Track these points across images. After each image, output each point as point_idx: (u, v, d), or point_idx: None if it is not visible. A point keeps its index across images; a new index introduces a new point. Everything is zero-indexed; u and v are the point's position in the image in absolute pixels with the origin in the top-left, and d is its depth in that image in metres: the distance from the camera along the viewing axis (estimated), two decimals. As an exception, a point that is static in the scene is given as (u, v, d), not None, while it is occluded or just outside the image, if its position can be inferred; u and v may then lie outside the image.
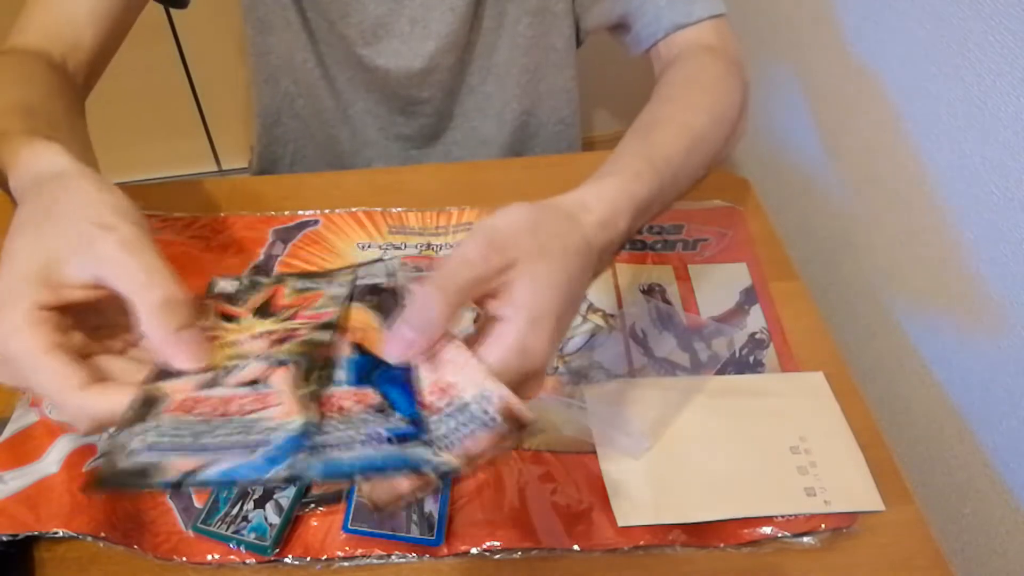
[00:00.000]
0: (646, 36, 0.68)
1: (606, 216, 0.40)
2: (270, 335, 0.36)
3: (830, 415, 0.58)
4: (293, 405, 0.32)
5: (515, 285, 0.35)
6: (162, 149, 1.70)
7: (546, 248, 0.35)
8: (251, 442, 0.30)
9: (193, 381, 0.33)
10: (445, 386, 0.33)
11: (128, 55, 0.65)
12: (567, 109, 0.89)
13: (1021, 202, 0.59)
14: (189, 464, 0.29)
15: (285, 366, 0.34)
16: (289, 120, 0.87)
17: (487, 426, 0.31)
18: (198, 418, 0.31)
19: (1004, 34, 0.59)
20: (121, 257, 0.33)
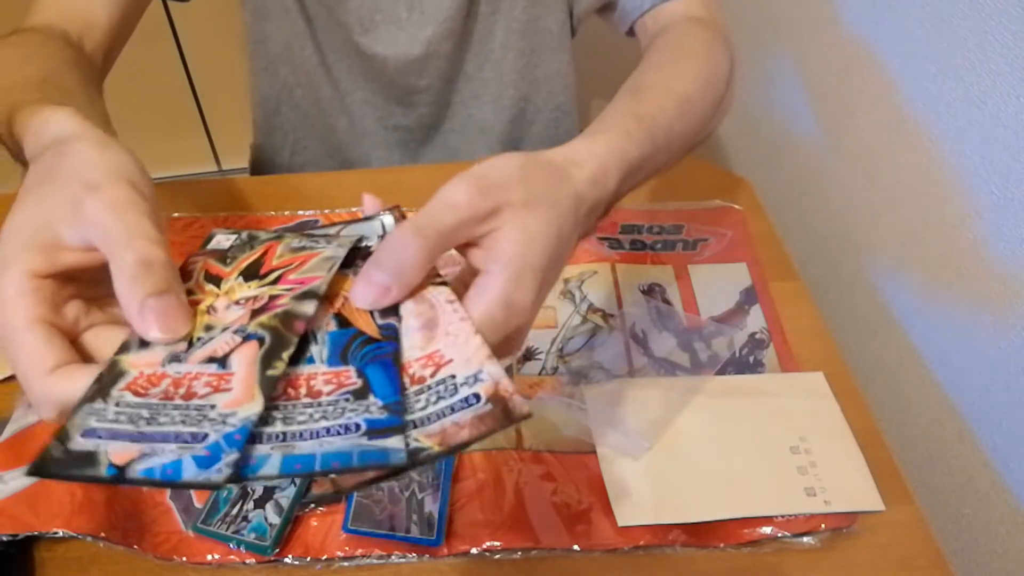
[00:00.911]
0: (632, 9, 0.68)
1: (597, 173, 0.38)
2: (251, 302, 0.33)
3: (830, 415, 0.58)
4: (249, 391, 0.29)
5: (500, 235, 0.33)
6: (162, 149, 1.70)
7: (535, 199, 0.34)
8: (195, 433, 0.27)
9: (163, 353, 0.30)
10: (439, 360, 0.30)
11: (128, 54, 0.65)
12: (563, 95, 0.89)
13: (1021, 202, 0.59)
14: (130, 453, 0.26)
15: (255, 342, 0.31)
16: (288, 110, 0.87)
17: (471, 407, 0.28)
18: (153, 399, 0.28)
19: (1004, 34, 0.59)
20: (103, 217, 0.30)
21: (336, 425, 0.27)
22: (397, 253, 0.32)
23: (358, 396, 0.29)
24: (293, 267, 0.35)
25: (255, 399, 0.28)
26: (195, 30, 1.52)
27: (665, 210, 0.75)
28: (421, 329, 0.32)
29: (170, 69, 1.57)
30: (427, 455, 0.27)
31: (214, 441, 0.27)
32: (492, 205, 0.33)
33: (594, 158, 0.39)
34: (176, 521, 0.52)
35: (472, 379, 0.29)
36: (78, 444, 0.27)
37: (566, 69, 0.87)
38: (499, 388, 0.29)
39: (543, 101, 0.88)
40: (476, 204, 0.33)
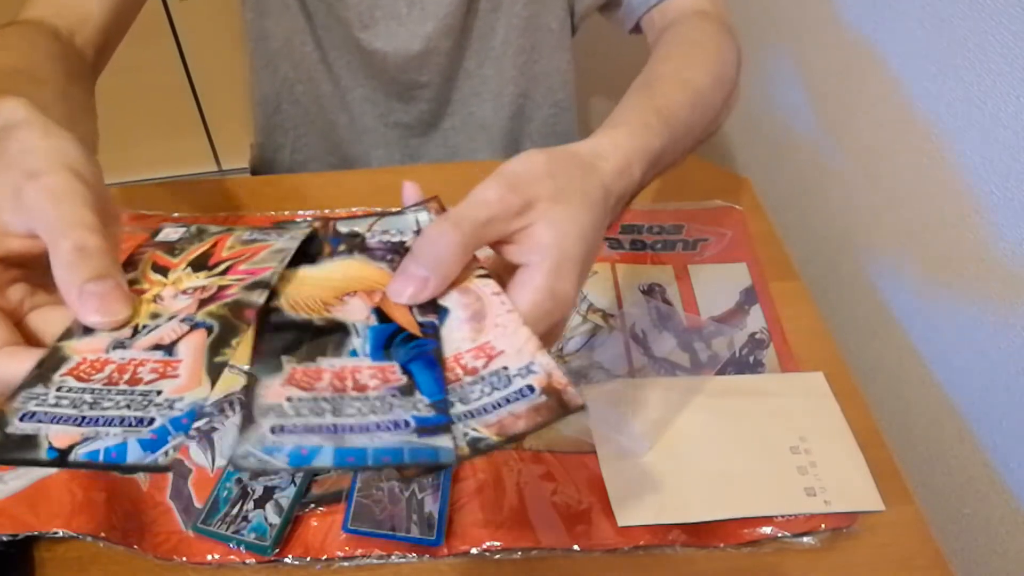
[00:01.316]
0: (638, 4, 0.69)
1: (622, 164, 0.39)
2: (199, 292, 0.33)
3: (830, 415, 0.58)
4: (196, 377, 0.28)
5: (535, 229, 0.34)
6: (162, 149, 1.70)
7: (565, 192, 0.35)
8: (141, 418, 0.27)
9: (107, 339, 0.30)
10: (490, 351, 0.30)
11: (128, 54, 0.65)
12: (563, 92, 0.89)
13: (1021, 202, 0.59)
14: (71, 437, 0.26)
15: (203, 330, 0.30)
16: (289, 107, 0.87)
17: (526, 398, 0.28)
18: (96, 384, 0.28)
19: (1004, 34, 0.59)
20: (42, 204, 0.30)
21: (386, 420, 0.27)
22: (434, 246, 0.32)
23: (404, 393, 0.29)
24: (243, 258, 0.35)
25: (202, 384, 0.28)
26: (195, 29, 1.52)
27: (665, 210, 0.75)
28: (469, 320, 0.32)
29: (170, 69, 1.57)
30: (486, 444, 0.27)
31: (160, 425, 0.27)
32: (523, 200, 0.34)
33: (618, 150, 0.40)
34: (176, 521, 0.52)
35: (525, 370, 0.30)
36: (16, 428, 0.27)
37: (566, 67, 0.87)
38: (552, 380, 0.29)
39: (542, 98, 0.88)
40: (508, 200, 0.33)
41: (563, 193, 0.35)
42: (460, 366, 0.30)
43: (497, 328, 0.31)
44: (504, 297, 0.33)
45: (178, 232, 0.37)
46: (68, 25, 0.56)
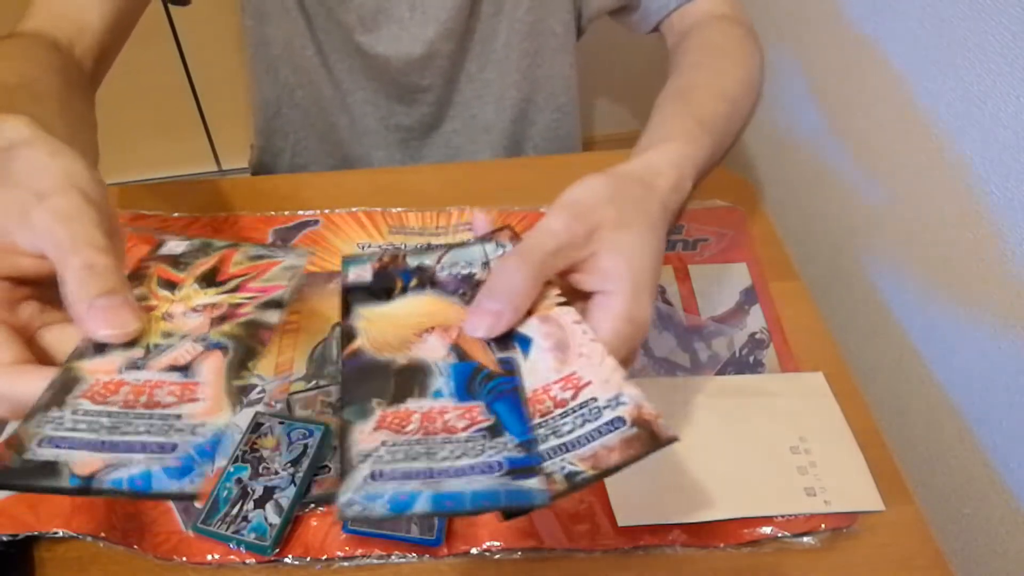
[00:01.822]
0: (656, 9, 0.69)
1: (677, 180, 0.40)
2: (211, 309, 0.33)
3: (830, 415, 0.58)
4: (218, 401, 0.29)
5: (602, 256, 0.34)
6: (162, 149, 1.70)
7: (627, 217, 0.35)
8: (164, 443, 0.27)
9: (119, 359, 0.30)
10: (577, 382, 0.31)
11: (128, 55, 0.65)
12: (565, 96, 0.89)
13: (1021, 202, 0.59)
14: (96, 463, 0.26)
15: (218, 351, 0.31)
16: (289, 111, 0.87)
17: (618, 430, 0.29)
18: (113, 407, 0.28)
19: (1004, 34, 0.59)
20: (51, 226, 0.31)
21: (480, 463, 0.28)
22: (506, 280, 0.33)
23: (493, 434, 0.29)
24: (253, 276, 0.35)
25: (223, 410, 0.28)
26: (195, 30, 1.52)
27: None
28: (553, 350, 0.32)
29: (170, 69, 1.57)
30: (583, 479, 0.27)
31: (185, 453, 0.27)
32: (588, 228, 0.34)
33: (673, 167, 0.41)
34: (176, 521, 0.52)
35: (614, 402, 0.30)
36: (35, 454, 0.26)
37: (569, 71, 0.87)
38: (642, 412, 0.30)
39: (545, 102, 0.88)
40: (573, 228, 0.34)
41: (626, 217, 0.35)
42: (549, 397, 0.30)
43: (582, 358, 0.32)
44: (585, 326, 0.33)
45: (182, 245, 0.37)
46: (67, 35, 0.56)
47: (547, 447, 0.28)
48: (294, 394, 0.59)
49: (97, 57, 0.58)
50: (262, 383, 0.60)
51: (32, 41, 0.54)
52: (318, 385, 0.60)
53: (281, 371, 0.61)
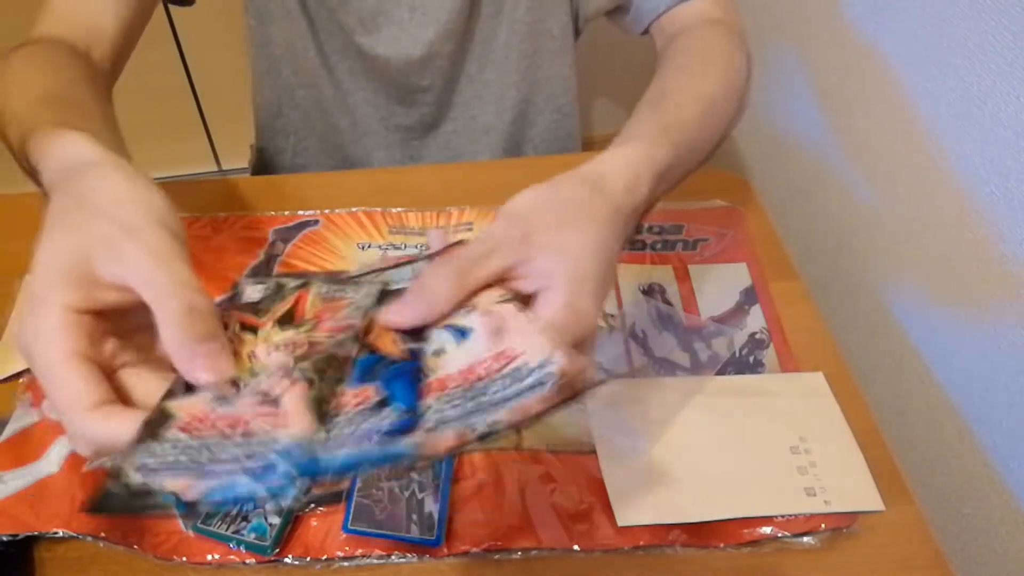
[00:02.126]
0: (648, 11, 0.68)
1: (630, 181, 0.40)
2: (292, 347, 0.35)
3: (830, 415, 0.58)
4: (302, 424, 0.30)
5: (539, 258, 0.35)
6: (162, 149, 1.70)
7: (569, 219, 0.36)
8: (253, 465, 0.28)
9: (209, 399, 0.31)
10: (510, 355, 0.32)
11: (128, 55, 0.65)
12: (564, 97, 0.89)
13: (1021, 202, 0.59)
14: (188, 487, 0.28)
15: (302, 383, 0.32)
16: (290, 111, 0.87)
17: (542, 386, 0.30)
18: (210, 438, 0.29)
19: (1004, 34, 0.59)
20: (145, 263, 0.31)
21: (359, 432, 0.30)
22: (427, 279, 0.34)
23: (381, 406, 0.31)
24: (327, 316, 0.37)
25: (306, 423, 0.30)
26: (195, 31, 1.52)
27: (665, 210, 0.75)
28: (490, 336, 0.33)
29: (170, 69, 1.57)
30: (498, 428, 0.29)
31: (284, 470, 0.28)
32: (522, 232, 0.35)
33: (626, 167, 0.41)
34: (176, 521, 0.52)
35: (544, 363, 0.31)
36: (135, 479, 0.28)
37: (568, 71, 0.87)
38: (571, 365, 0.30)
39: (544, 102, 0.88)
40: (506, 233, 0.35)
41: (566, 220, 0.36)
42: (481, 370, 0.31)
43: (518, 336, 0.32)
44: (530, 313, 0.34)
45: (258, 291, 0.39)
46: (83, 41, 0.56)
47: (466, 410, 0.30)
48: (294, 394, 0.59)
49: (113, 61, 0.59)
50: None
51: (55, 49, 0.54)
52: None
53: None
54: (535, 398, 0.30)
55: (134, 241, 0.31)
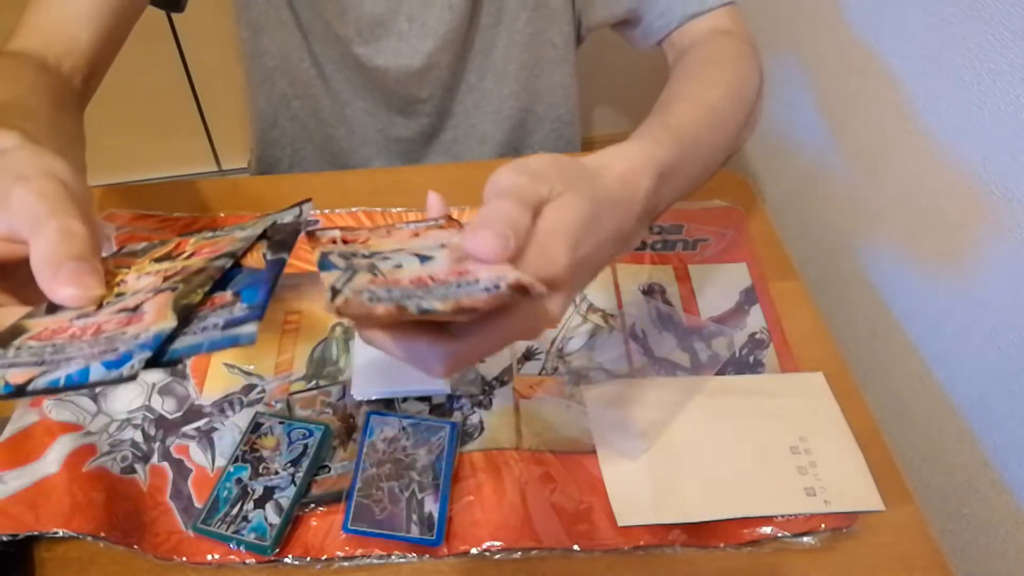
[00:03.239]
0: (659, 27, 0.68)
1: (626, 172, 0.40)
2: (164, 272, 0.34)
3: (830, 415, 0.58)
4: (162, 312, 0.30)
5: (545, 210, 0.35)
6: (162, 149, 1.70)
7: (573, 183, 0.36)
8: (103, 349, 0.28)
9: (69, 315, 0.31)
10: (466, 271, 0.31)
11: (128, 55, 0.65)
12: (565, 106, 0.89)
13: (1021, 202, 0.59)
14: (30, 373, 0.27)
15: (164, 292, 0.31)
16: (286, 122, 0.87)
17: (488, 292, 0.29)
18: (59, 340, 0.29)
19: (1004, 34, 0.59)
20: (30, 201, 0.32)
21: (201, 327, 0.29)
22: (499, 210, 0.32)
23: (225, 308, 0.30)
24: (207, 249, 0.36)
25: (168, 319, 0.29)
26: (195, 31, 1.52)
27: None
28: (452, 262, 0.33)
29: (170, 69, 1.57)
30: (435, 312, 0.28)
31: (126, 348, 0.27)
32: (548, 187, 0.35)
33: (622, 159, 0.41)
34: (176, 521, 0.52)
35: (495, 277, 0.30)
36: None
37: (569, 81, 0.87)
38: (520, 280, 0.30)
39: (544, 112, 0.88)
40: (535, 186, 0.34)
41: (571, 183, 0.36)
42: (431, 279, 0.31)
43: (478, 264, 0.32)
44: None
45: (140, 246, 0.39)
46: (56, 54, 0.57)
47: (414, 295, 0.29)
48: (294, 394, 0.59)
49: (87, 74, 0.59)
50: (262, 383, 0.60)
51: (21, 61, 0.55)
52: (318, 385, 0.60)
53: (281, 371, 0.61)
54: (481, 293, 0.29)
55: (22, 186, 0.32)
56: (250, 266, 0.34)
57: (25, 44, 0.56)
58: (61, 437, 0.54)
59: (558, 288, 0.34)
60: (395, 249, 0.35)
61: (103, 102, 0.63)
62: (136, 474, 0.54)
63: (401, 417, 0.56)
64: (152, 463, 0.55)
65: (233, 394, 0.59)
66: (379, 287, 0.30)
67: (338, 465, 0.54)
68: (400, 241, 0.36)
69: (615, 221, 0.38)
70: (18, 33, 0.57)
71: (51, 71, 0.55)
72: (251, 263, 0.34)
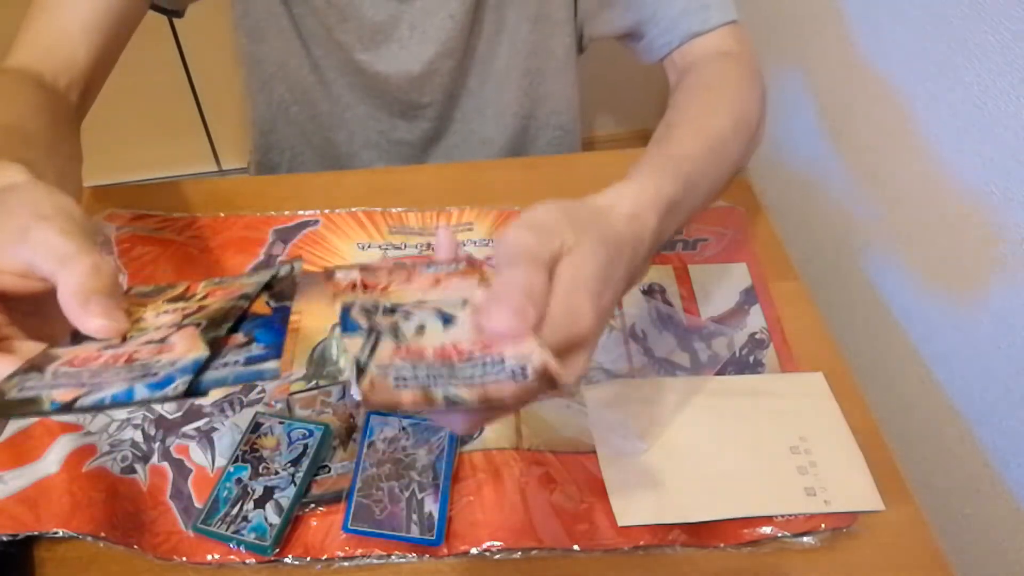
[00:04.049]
0: (660, 45, 0.67)
1: (634, 210, 0.40)
2: (182, 310, 0.36)
3: (830, 415, 0.58)
4: (194, 343, 0.31)
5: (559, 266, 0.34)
6: (162, 149, 1.70)
7: (582, 233, 0.35)
8: (142, 373, 0.29)
9: (97, 345, 0.32)
10: (489, 343, 0.31)
11: (128, 55, 0.65)
12: (567, 115, 0.89)
13: (1021, 202, 0.59)
14: (75, 392, 0.29)
15: (190, 327, 0.33)
16: (285, 127, 0.88)
17: (514, 378, 0.29)
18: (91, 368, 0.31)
19: (1004, 34, 0.59)
20: (53, 239, 0.33)
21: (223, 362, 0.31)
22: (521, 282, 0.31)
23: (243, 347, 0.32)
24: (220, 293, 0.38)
25: (200, 348, 0.31)
26: (195, 31, 1.52)
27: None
28: (476, 329, 0.32)
29: (170, 69, 1.57)
30: (462, 402, 0.28)
31: (166, 374, 0.29)
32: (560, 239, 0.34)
33: (628, 198, 0.40)
34: (176, 521, 0.52)
35: (523, 358, 0.30)
36: (15, 394, 0.29)
37: (570, 90, 0.87)
38: (548, 367, 0.29)
39: (546, 119, 0.88)
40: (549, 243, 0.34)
41: (581, 231, 0.35)
42: (456, 352, 0.31)
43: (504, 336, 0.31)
44: None
45: (149, 288, 0.40)
46: (53, 70, 0.57)
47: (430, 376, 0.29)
48: (294, 394, 0.59)
49: (83, 91, 0.59)
50: (262, 383, 0.60)
51: (18, 78, 0.55)
52: (318, 385, 0.60)
53: (281, 371, 0.61)
54: (509, 383, 0.29)
55: (44, 223, 0.34)
56: (255, 312, 0.36)
57: (22, 60, 0.57)
58: (61, 437, 0.54)
59: (585, 343, 0.34)
60: (417, 302, 0.35)
61: (103, 102, 0.63)
62: (136, 474, 0.54)
63: (401, 417, 0.56)
64: (152, 463, 0.55)
65: (233, 394, 0.59)
66: (404, 362, 0.30)
67: (338, 465, 0.54)
68: (421, 289, 0.36)
69: (626, 261, 0.38)
70: (15, 49, 0.58)
71: (48, 88, 0.56)
72: (256, 310, 0.36)
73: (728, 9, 0.65)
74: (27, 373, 0.30)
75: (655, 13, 0.67)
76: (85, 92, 0.60)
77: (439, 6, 0.75)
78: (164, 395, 0.28)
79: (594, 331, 0.34)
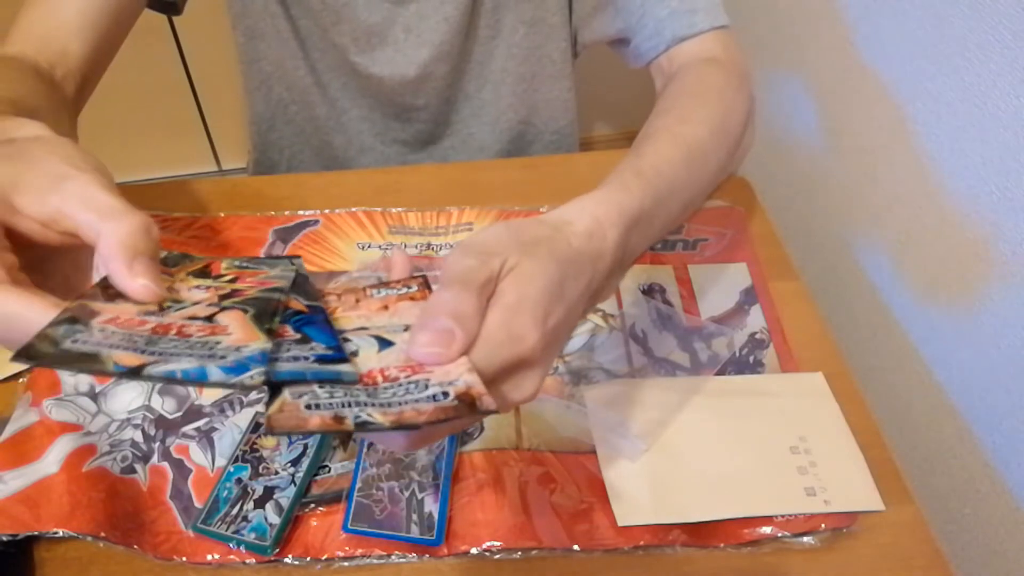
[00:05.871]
0: (647, 49, 0.67)
1: (591, 226, 0.38)
2: (214, 289, 0.34)
3: (830, 415, 0.58)
4: (252, 335, 0.30)
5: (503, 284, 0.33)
6: (162, 149, 1.70)
7: (530, 251, 0.34)
8: (207, 353, 0.28)
9: (133, 309, 0.31)
10: (418, 368, 0.30)
11: (128, 55, 0.65)
12: (564, 119, 0.89)
13: (1021, 202, 0.59)
14: (140, 359, 0.27)
15: (235, 310, 0.32)
16: (283, 126, 0.88)
17: (435, 401, 0.28)
18: (143, 332, 0.29)
19: (1004, 34, 0.59)
20: (94, 192, 0.32)
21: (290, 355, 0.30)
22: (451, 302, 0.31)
23: (300, 343, 0.31)
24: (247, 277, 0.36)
25: (261, 339, 0.30)
26: (195, 31, 1.52)
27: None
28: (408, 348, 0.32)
29: (170, 69, 1.57)
30: (374, 426, 0.28)
31: (237, 358, 0.28)
32: (500, 259, 0.33)
33: (586, 213, 0.39)
34: (176, 521, 0.52)
35: (446, 383, 0.29)
36: (71, 346, 0.27)
37: (567, 95, 0.87)
38: (471, 390, 0.29)
39: (543, 124, 0.88)
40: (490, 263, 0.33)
41: (528, 250, 0.34)
42: (382, 376, 0.30)
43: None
44: None
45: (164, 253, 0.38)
46: (48, 60, 0.56)
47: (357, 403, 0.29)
48: (294, 394, 0.59)
49: (78, 83, 0.59)
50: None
51: (16, 64, 0.55)
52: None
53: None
54: (428, 406, 0.28)
55: (82, 175, 0.32)
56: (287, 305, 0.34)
57: (17, 50, 0.56)
58: (61, 437, 0.54)
59: (532, 365, 0.33)
60: (357, 328, 0.34)
61: (103, 102, 0.63)
62: (136, 474, 0.54)
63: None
64: (152, 463, 0.55)
65: (233, 394, 0.59)
66: (323, 388, 0.29)
67: (338, 465, 0.54)
68: (366, 315, 0.35)
69: (584, 279, 0.37)
70: (10, 38, 0.57)
71: (45, 76, 0.55)
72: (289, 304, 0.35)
73: (717, 14, 0.64)
74: (73, 324, 0.28)
75: (643, 17, 0.66)
76: (81, 86, 0.59)
77: (434, 9, 0.75)
78: (241, 382, 0.27)
79: (541, 351, 0.33)
